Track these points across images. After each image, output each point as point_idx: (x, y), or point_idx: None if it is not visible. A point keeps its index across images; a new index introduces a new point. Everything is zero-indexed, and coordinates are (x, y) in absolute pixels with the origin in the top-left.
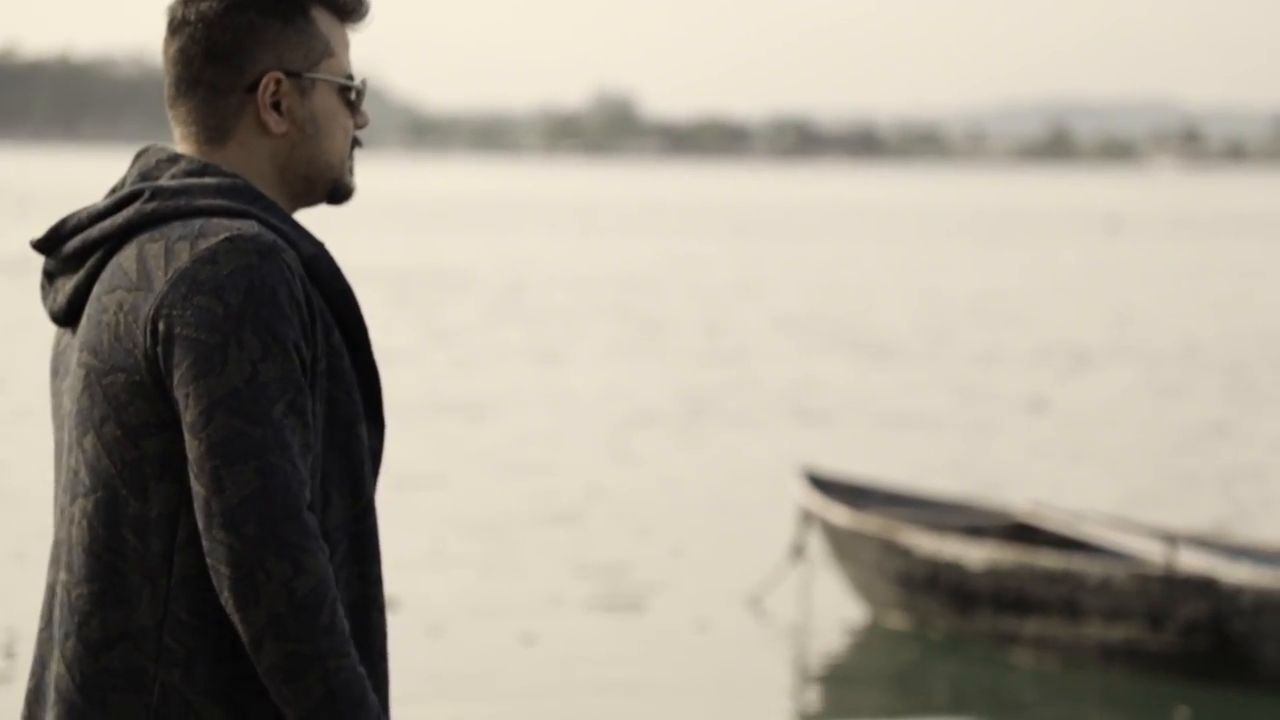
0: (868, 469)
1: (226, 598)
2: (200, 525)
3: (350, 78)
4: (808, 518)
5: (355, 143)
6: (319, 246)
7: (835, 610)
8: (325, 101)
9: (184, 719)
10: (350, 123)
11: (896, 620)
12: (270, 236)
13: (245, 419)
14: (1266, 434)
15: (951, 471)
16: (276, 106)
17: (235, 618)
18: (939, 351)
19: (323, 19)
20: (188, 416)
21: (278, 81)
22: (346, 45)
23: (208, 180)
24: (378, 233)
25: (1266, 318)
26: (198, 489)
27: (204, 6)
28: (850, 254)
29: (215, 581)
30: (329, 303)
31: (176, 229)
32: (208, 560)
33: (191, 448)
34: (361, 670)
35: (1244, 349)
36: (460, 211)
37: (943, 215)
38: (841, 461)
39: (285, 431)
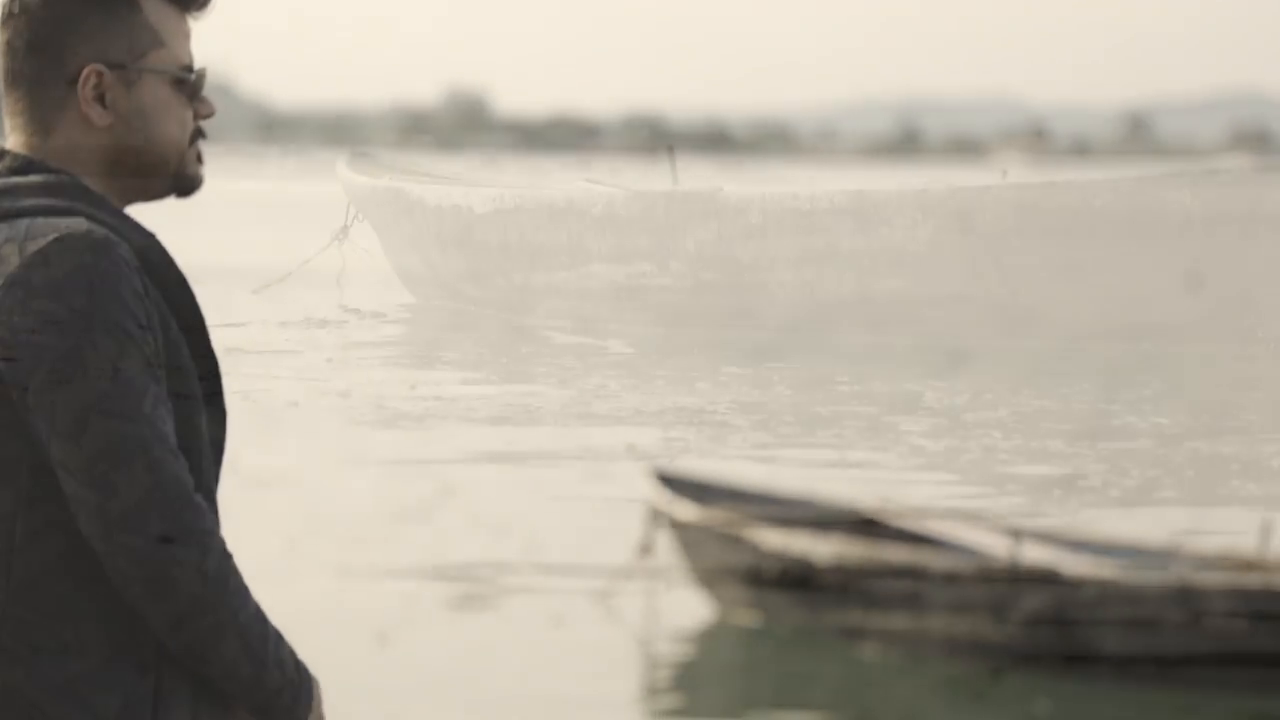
0: (731, 469)
1: (138, 594)
2: (94, 531)
3: (189, 69)
4: (655, 515)
5: (199, 133)
6: (150, 237)
7: (683, 608)
8: (155, 93)
9: (29, 718)
10: (188, 114)
11: (744, 617)
12: (101, 232)
13: (121, 419)
14: (1132, 430)
15: (816, 471)
16: (101, 99)
17: (148, 610)
18: (811, 349)
19: (153, 9)
20: (58, 426)
21: (99, 74)
22: (185, 35)
23: (32, 179)
24: (229, 230)
25: (1135, 312)
26: (86, 495)
27: None
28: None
29: (118, 582)
30: (164, 293)
31: (2, 231)
32: (107, 563)
33: (70, 455)
34: (257, 603)
35: (1112, 345)
36: (312, 207)
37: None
38: (706, 460)
39: (158, 423)
